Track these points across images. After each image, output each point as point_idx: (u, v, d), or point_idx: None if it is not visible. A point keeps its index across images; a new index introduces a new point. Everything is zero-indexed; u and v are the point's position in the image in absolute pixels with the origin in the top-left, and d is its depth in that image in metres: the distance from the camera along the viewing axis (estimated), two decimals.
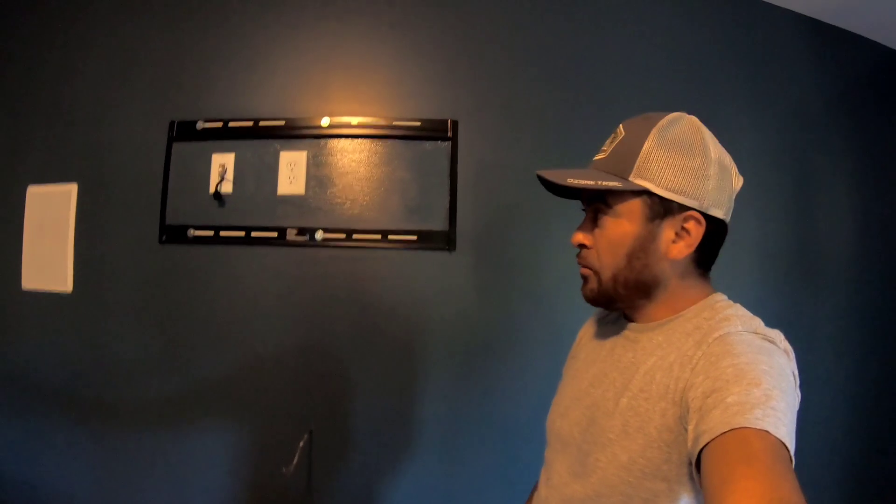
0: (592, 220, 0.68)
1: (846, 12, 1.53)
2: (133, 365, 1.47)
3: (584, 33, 1.50)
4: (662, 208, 0.62)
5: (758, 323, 0.62)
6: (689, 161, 0.62)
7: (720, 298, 0.67)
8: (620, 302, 0.68)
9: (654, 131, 0.62)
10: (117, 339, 1.48)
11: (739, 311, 0.63)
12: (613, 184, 0.62)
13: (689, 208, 0.62)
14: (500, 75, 1.48)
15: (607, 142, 0.68)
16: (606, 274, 0.66)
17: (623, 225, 0.64)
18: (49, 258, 1.51)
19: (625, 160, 0.63)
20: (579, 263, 0.71)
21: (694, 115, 0.66)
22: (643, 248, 0.64)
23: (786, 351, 0.59)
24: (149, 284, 1.49)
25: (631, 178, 0.62)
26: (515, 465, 1.40)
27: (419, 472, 1.42)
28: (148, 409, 1.46)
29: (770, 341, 0.58)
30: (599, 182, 0.63)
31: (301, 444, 1.37)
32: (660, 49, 1.50)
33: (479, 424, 1.42)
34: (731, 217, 0.66)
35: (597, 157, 0.68)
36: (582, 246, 0.69)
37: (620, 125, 0.67)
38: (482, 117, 1.47)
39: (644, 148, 0.62)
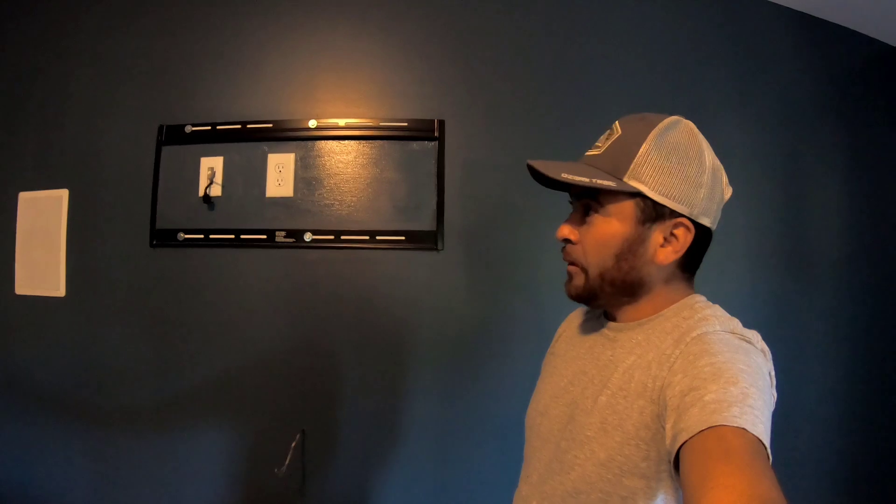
0: (581, 216, 0.67)
1: (834, 6, 1.51)
2: (126, 367, 1.48)
3: (569, 32, 1.50)
4: (654, 212, 0.62)
5: (735, 323, 0.62)
6: (684, 168, 0.62)
7: (699, 299, 0.67)
8: (604, 300, 0.68)
9: (652, 134, 0.62)
10: (110, 342, 1.49)
11: (718, 311, 0.64)
12: (607, 183, 0.61)
13: (679, 214, 0.62)
14: (485, 75, 1.48)
15: (602, 138, 0.67)
16: (593, 271, 0.66)
17: (613, 224, 0.63)
18: (42, 263, 1.53)
19: (620, 160, 0.62)
20: (564, 259, 0.70)
21: (682, 112, 0.67)
22: (631, 249, 0.63)
23: (762, 351, 0.59)
24: (140, 287, 1.50)
25: (625, 179, 0.61)
26: (507, 463, 1.40)
27: (411, 470, 1.43)
28: (141, 411, 1.47)
29: (747, 341, 0.59)
30: (594, 180, 0.61)
31: (293, 444, 1.38)
32: (646, 46, 1.50)
33: (469, 422, 1.43)
34: (724, 213, 0.67)
35: (590, 153, 0.67)
36: (567, 241, 0.68)
37: (616, 122, 0.66)
38: (469, 117, 1.47)
39: (641, 150, 0.61)
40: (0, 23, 1.61)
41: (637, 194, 0.62)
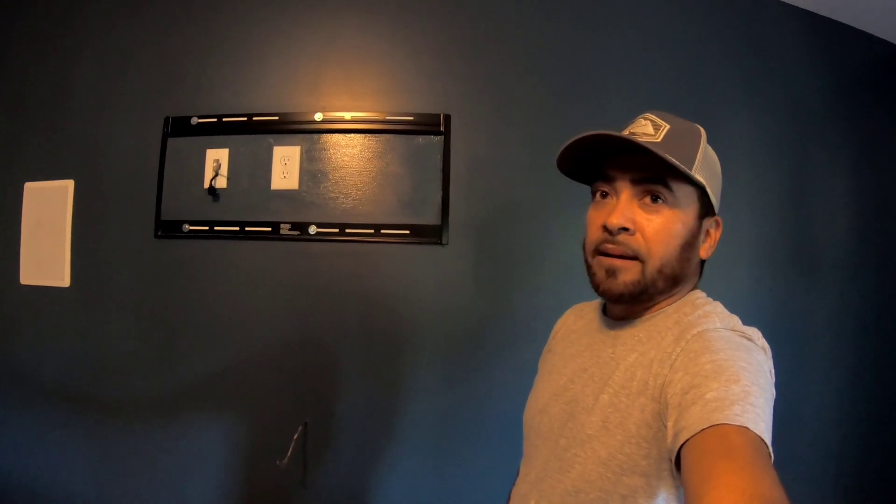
0: (637, 204, 0.62)
1: (843, 5, 1.51)
2: (130, 358, 1.49)
3: (577, 27, 1.50)
4: (707, 208, 0.65)
5: (735, 320, 0.62)
6: (719, 172, 0.67)
7: (700, 295, 0.67)
8: (650, 294, 0.64)
9: (703, 134, 0.65)
10: (114, 333, 1.50)
11: (718, 308, 0.64)
12: (696, 176, 0.61)
13: (713, 213, 0.67)
14: (492, 70, 1.48)
15: (645, 126, 0.63)
16: (654, 264, 0.62)
17: (680, 215, 0.62)
18: (47, 254, 1.53)
19: (685, 152, 0.61)
20: (613, 252, 0.62)
21: (691, 109, 0.69)
22: (692, 242, 0.64)
23: (763, 348, 0.59)
24: (145, 278, 1.50)
25: (693, 172, 0.61)
26: (508, 457, 1.41)
27: (413, 464, 1.43)
28: (144, 402, 1.47)
29: (748, 338, 0.59)
30: (686, 169, 0.59)
31: (295, 436, 1.38)
32: (654, 44, 1.49)
33: (471, 415, 1.43)
34: (730, 211, 0.71)
35: (640, 139, 0.61)
36: (623, 230, 0.62)
37: (652, 115, 0.65)
38: (475, 112, 1.47)
39: (701, 146, 0.63)
40: (5, 14, 1.61)
41: (701, 188, 0.63)
